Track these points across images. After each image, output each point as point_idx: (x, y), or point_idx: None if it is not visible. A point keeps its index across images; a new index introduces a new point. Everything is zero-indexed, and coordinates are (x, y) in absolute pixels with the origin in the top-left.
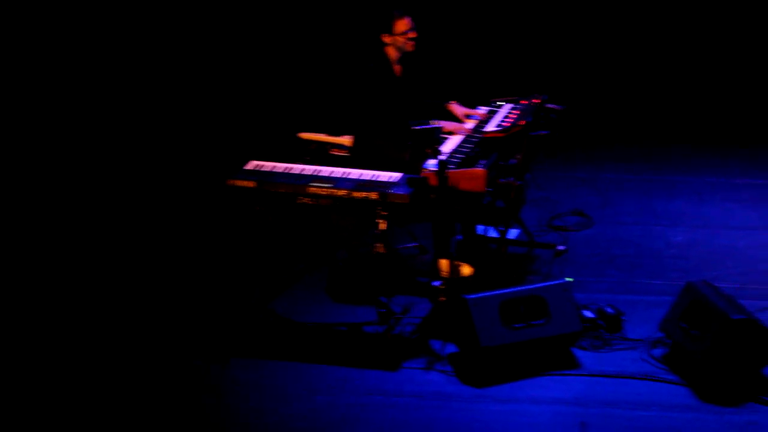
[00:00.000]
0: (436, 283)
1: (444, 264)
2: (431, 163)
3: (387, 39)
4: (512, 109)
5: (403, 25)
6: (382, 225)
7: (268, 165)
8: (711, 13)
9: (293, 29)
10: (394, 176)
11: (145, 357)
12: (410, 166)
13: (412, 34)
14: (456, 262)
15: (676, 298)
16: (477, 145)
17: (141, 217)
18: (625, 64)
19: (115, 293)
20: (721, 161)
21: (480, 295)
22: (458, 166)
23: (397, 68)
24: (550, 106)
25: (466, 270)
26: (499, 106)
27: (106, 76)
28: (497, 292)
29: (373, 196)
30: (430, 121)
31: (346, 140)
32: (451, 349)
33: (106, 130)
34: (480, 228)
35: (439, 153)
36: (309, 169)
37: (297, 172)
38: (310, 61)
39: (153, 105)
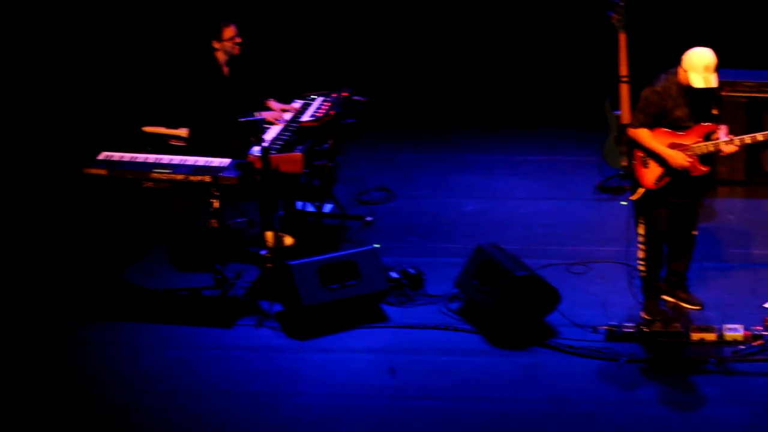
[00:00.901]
0: (263, 252)
1: (269, 235)
2: (256, 150)
3: (216, 45)
4: (324, 101)
5: (229, 32)
6: (216, 203)
7: (117, 155)
8: (494, 8)
9: (137, 39)
10: (225, 162)
11: (8, 322)
12: (238, 152)
13: (237, 40)
14: (279, 234)
15: (468, 259)
16: (294, 133)
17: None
18: (417, 58)
19: None
20: (504, 141)
21: (301, 261)
22: (279, 151)
23: (225, 70)
24: (356, 98)
25: (288, 240)
26: (312, 100)
27: None
28: (315, 258)
29: (207, 179)
30: (254, 114)
31: (183, 132)
32: (277, 308)
33: None
34: (299, 204)
35: (263, 141)
36: (152, 157)
37: (141, 160)
38: (152, 65)
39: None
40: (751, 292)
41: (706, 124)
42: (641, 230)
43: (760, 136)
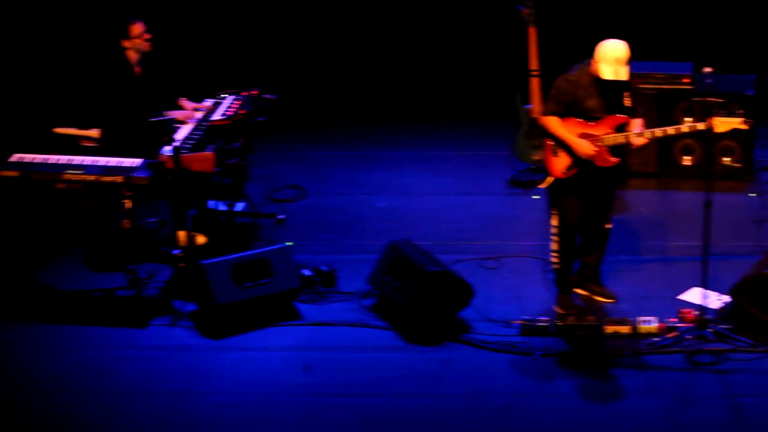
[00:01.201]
0: (176, 252)
1: (182, 235)
2: (167, 149)
3: (126, 44)
4: (234, 100)
5: (137, 29)
6: (128, 204)
7: (29, 157)
8: (404, 3)
9: (46, 40)
10: (137, 162)
11: None
12: (150, 152)
13: (146, 36)
14: (192, 233)
15: (381, 255)
16: (206, 132)
17: None
18: (326, 55)
19: None
20: (413, 137)
21: (214, 260)
22: (190, 150)
23: (137, 69)
24: (266, 96)
25: (201, 239)
26: (223, 98)
27: None
28: (228, 257)
29: (119, 179)
30: (165, 114)
31: (94, 133)
32: (191, 307)
33: None
34: (211, 203)
35: (174, 140)
36: (64, 158)
37: (53, 161)
38: (62, 66)
39: None
40: (664, 284)
41: (618, 115)
42: (554, 221)
43: (671, 130)
